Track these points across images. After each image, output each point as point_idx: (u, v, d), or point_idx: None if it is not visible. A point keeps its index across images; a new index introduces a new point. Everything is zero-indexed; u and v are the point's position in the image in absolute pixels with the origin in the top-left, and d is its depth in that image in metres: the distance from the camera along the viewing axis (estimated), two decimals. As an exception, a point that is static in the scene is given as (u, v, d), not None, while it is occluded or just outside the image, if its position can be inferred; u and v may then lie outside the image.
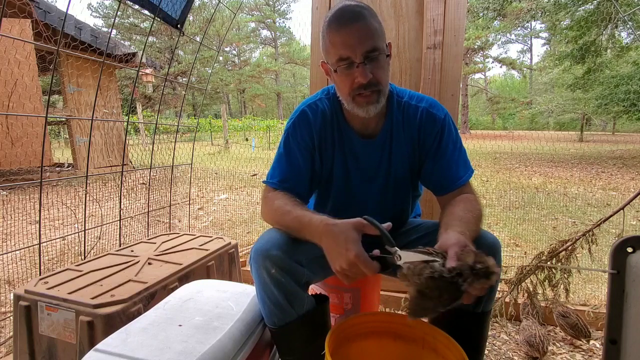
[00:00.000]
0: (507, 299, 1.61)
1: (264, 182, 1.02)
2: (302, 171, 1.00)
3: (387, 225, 0.77)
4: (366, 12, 0.86)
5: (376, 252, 0.76)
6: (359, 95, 0.89)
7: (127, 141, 5.02)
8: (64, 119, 6.37)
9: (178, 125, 2.44)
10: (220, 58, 32.00)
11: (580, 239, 1.54)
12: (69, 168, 5.94)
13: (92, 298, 1.03)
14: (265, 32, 37.56)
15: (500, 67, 42.64)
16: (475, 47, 24.44)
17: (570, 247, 1.55)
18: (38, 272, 1.50)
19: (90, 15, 28.69)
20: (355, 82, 0.87)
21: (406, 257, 0.69)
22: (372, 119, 0.97)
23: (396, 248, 0.71)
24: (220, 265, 1.50)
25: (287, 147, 1.01)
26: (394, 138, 1.00)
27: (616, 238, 1.10)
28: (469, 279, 0.60)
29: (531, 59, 36.90)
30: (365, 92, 0.88)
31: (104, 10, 28.59)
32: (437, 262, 0.64)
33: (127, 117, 4.68)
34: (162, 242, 1.57)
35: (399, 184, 1.04)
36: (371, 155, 1.02)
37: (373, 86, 0.87)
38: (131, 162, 6.50)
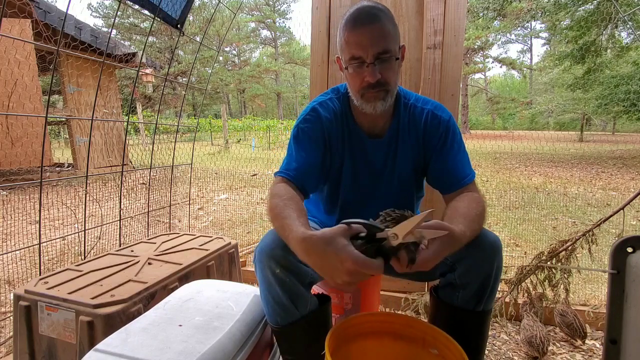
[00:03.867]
0: (507, 299, 1.61)
1: (274, 173, 1.00)
2: (311, 163, 0.99)
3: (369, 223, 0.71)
4: (382, 14, 0.88)
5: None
6: (367, 92, 0.91)
7: (127, 141, 5.02)
8: (64, 119, 6.37)
9: (178, 125, 2.44)
10: (220, 58, 31.99)
11: (580, 239, 1.54)
12: (69, 168, 5.94)
13: (92, 298, 1.03)
14: (265, 32, 37.57)
15: (500, 67, 42.67)
16: (475, 47, 24.41)
17: (570, 247, 1.55)
18: (38, 272, 1.50)
19: (90, 15, 28.72)
20: (365, 81, 0.90)
21: (400, 229, 0.66)
22: (379, 118, 1.00)
23: (386, 229, 0.67)
24: (220, 265, 1.50)
25: (297, 140, 1.00)
26: (400, 138, 1.03)
27: (616, 238, 1.10)
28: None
29: (531, 59, 36.93)
30: (373, 90, 0.91)
31: (104, 10, 28.58)
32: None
33: (127, 117, 4.68)
34: (162, 242, 1.57)
35: (403, 183, 1.07)
36: (378, 154, 1.04)
37: (381, 86, 0.90)
38: (131, 162, 6.49)
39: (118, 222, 1.87)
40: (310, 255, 0.68)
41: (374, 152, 1.04)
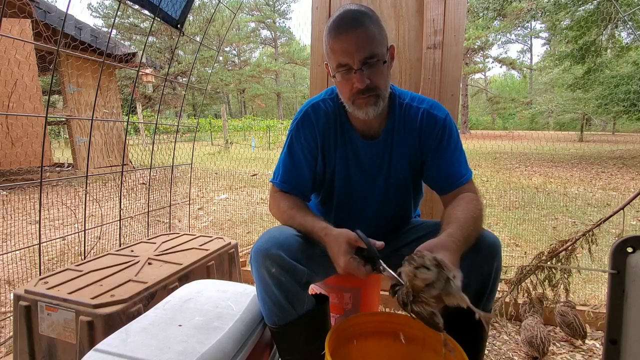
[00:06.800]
0: (507, 299, 1.61)
1: (270, 180, 1.09)
2: (305, 173, 1.04)
3: (380, 244, 0.83)
4: (366, 17, 0.87)
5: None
6: (358, 98, 0.91)
7: (127, 141, 5.02)
8: (64, 119, 6.37)
9: (178, 125, 2.44)
10: (220, 58, 31.99)
11: (580, 239, 1.53)
12: (69, 168, 5.93)
13: (92, 298, 1.03)
14: (265, 32, 37.56)
15: (500, 67, 42.72)
16: (475, 47, 24.43)
17: (570, 247, 1.55)
18: (38, 272, 1.50)
19: (90, 15, 28.75)
20: (354, 88, 0.89)
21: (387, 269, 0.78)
22: (374, 120, 0.99)
23: (380, 261, 0.80)
24: (220, 265, 1.50)
25: (291, 150, 1.04)
26: (395, 139, 1.02)
27: (616, 238, 1.10)
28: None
29: (531, 59, 36.89)
30: (363, 95, 0.90)
31: (104, 10, 28.59)
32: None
33: (127, 117, 4.68)
34: (162, 242, 1.57)
35: (399, 184, 1.05)
36: (373, 156, 1.03)
37: (371, 91, 0.89)
38: (131, 162, 6.49)
39: (118, 222, 1.87)
40: (327, 245, 0.87)
41: (368, 154, 1.03)
